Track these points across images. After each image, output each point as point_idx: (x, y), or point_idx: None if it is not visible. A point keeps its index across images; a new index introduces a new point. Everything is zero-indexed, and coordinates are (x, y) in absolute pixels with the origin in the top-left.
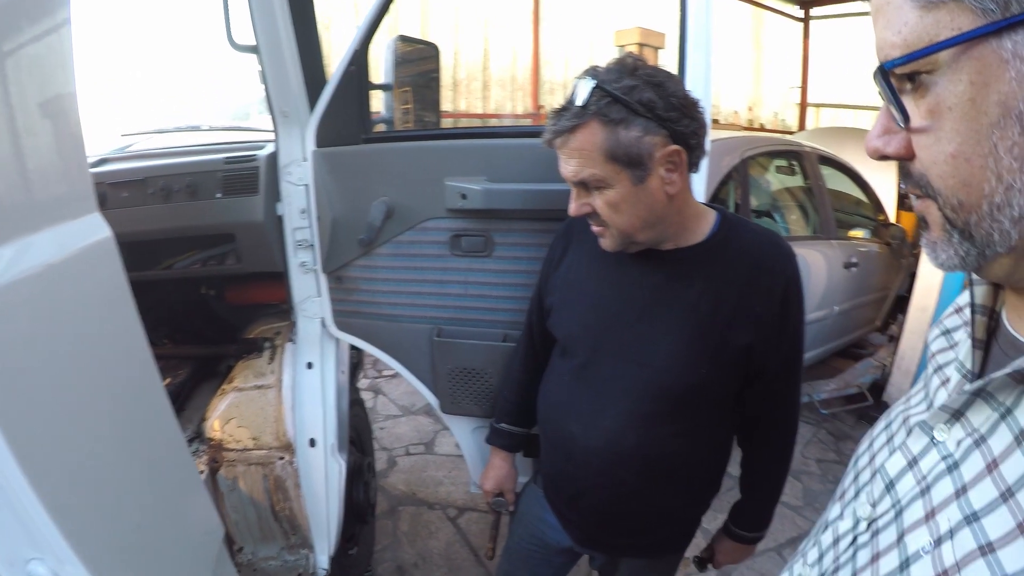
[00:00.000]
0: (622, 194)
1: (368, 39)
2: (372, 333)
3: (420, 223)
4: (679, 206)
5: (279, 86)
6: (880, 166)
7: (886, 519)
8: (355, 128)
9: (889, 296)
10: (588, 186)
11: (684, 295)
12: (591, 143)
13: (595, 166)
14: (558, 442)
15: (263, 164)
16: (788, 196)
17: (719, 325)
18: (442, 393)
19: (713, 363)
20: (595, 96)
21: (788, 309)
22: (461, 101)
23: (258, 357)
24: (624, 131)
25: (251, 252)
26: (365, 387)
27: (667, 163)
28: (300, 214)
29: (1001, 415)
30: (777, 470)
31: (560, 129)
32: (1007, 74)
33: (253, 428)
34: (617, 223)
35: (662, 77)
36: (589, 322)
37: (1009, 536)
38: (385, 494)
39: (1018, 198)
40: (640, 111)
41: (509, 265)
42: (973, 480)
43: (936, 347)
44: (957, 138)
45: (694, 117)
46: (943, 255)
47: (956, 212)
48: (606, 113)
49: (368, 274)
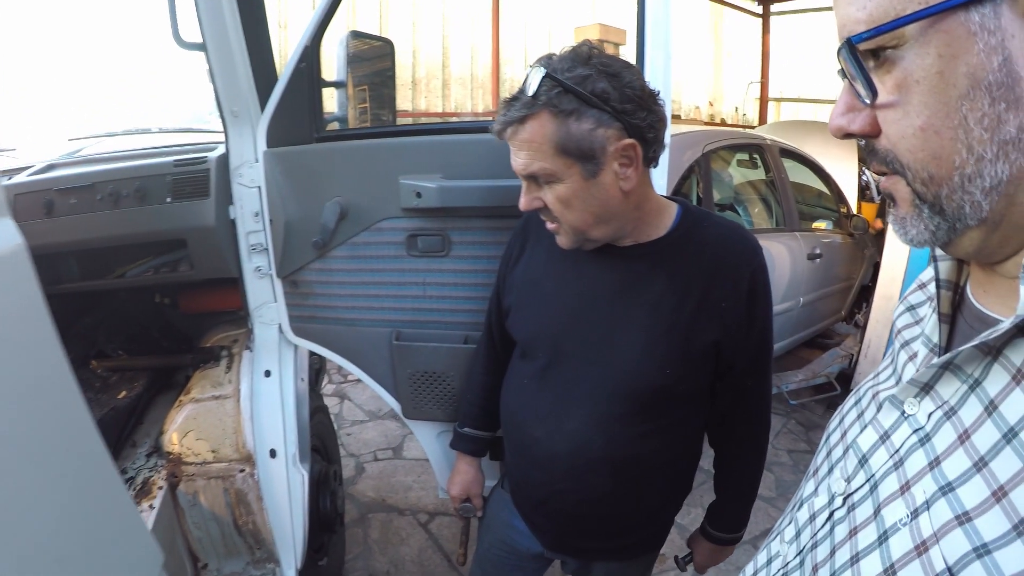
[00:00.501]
0: (573, 189)
1: (319, 35)
2: (330, 338)
3: (375, 223)
4: (636, 201)
5: (228, 85)
6: (841, 158)
7: (861, 493)
8: (307, 127)
9: (853, 286)
10: (538, 180)
11: (646, 292)
12: (540, 135)
13: (545, 159)
14: (522, 447)
15: (214, 166)
16: (751, 189)
17: (684, 322)
18: (404, 398)
19: (679, 362)
20: (545, 86)
21: (755, 303)
22: (421, 100)
23: (215, 366)
24: (575, 123)
25: (204, 258)
26: (330, 392)
27: (621, 157)
28: (253, 217)
29: (970, 386)
30: (752, 469)
31: (509, 120)
32: (975, 47)
33: (212, 440)
34: (569, 219)
35: (618, 67)
36: (548, 323)
37: (985, 504)
38: (354, 501)
39: (988, 168)
40: (593, 102)
41: (468, 264)
42: (946, 451)
43: (901, 323)
44: (926, 111)
45: (651, 109)
46: (913, 231)
47: (926, 186)
48: (556, 104)
49: (324, 277)
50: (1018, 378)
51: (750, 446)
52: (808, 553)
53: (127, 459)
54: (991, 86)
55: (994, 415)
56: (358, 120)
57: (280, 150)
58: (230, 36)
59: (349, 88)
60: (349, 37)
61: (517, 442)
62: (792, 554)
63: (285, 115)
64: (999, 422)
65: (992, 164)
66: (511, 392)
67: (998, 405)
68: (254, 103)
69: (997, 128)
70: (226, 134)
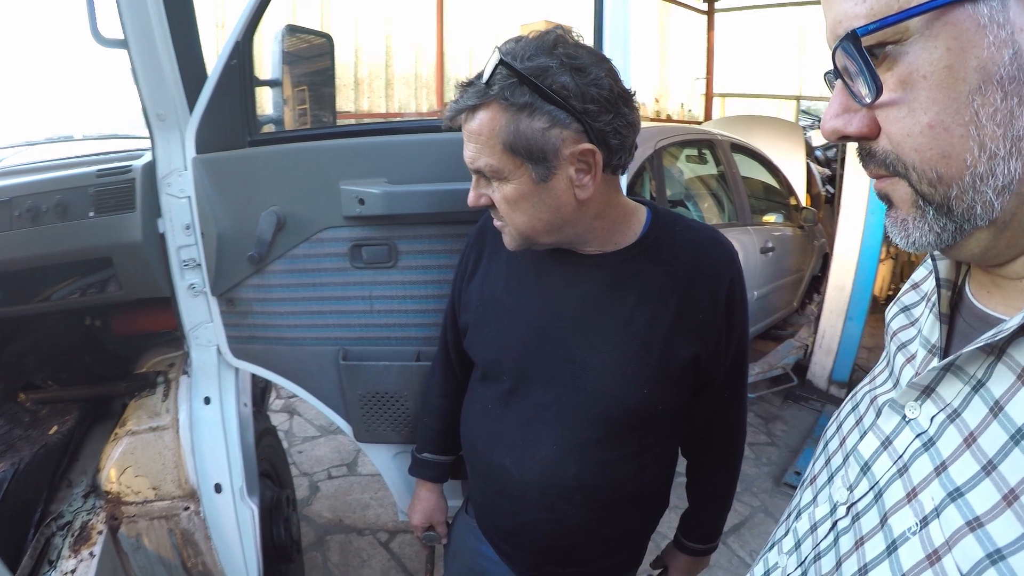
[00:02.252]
0: (521, 191)
1: (252, 29)
2: (272, 359)
3: (315, 234)
4: (597, 210)
5: (153, 85)
6: (789, 151)
7: (865, 502)
8: (239, 130)
9: (804, 277)
10: (486, 175)
11: (617, 306)
12: (489, 128)
13: (492, 155)
14: (488, 476)
15: (140, 176)
16: (703, 185)
17: (660, 338)
18: (355, 420)
19: (656, 381)
20: (500, 74)
21: (733, 313)
22: (363, 100)
23: (151, 394)
24: (527, 119)
25: (132, 277)
26: (279, 408)
27: (578, 163)
28: (184, 230)
29: (973, 388)
30: (728, 479)
31: (459, 108)
32: (984, 39)
33: (152, 476)
34: (515, 221)
35: (587, 60)
36: (511, 343)
37: (996, 509)
38: (310, 523)
39: (1001, 166)
40: (550, 98)
41: (417, 275)
42: (952, 456)
43: (896, 325)
44: (934, 107)
45: (619, 112)
46: (916, 233)
47: (934, 187)
48: (509, 96)
49: (262, 294)
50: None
51: (726, 458)
52: (811, 565)
53: (63, 501)
54: (1003, 80)
55: (1000, 416)
56: (296, 122)
57: (210, 156)
58: (154, 31)
59: (286, 87)
60: (285, 32)
61: (482, 471)
62: (792, 565)
63: (215, 117)
64: (1006, 423)
65: (1005, 161)
66: (472, 418)
67: (1004, 406)
68: (182, 105)
69: (1010, 124)
70: (152, 140)
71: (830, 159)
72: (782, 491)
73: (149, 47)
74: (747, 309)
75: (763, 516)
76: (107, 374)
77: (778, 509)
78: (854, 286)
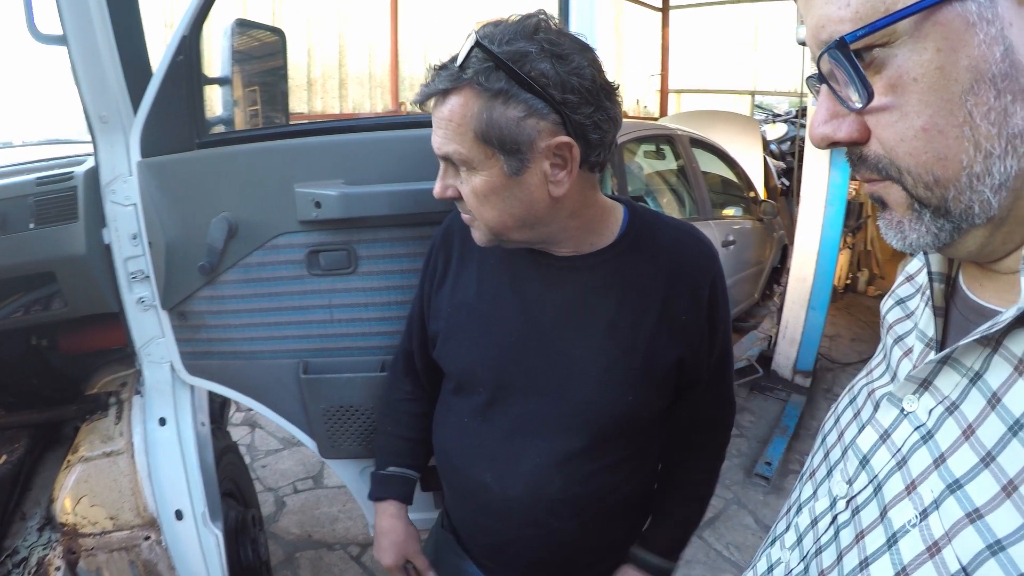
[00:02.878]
0: (491, 183)
1: (200, 23)
2: (229, 375)
3: (270, 240)
4: (573, 208)
5: (94, 85)
6: (746, 144)
7: (865, 495)
8: (187, 131)
9: (765, 269)
10: (455, 164)
11: (599, 310)
12: (461, 115)
13: (462, 143)
14: (468, 493)
15: (82, 183)
16: (663, 180)
17: (643, 341)
18: (319, 436)
19: (642, 386)
20: (476, 57)
21: (716, 313)
22: (317, 101)
23: (103, 417)
24: (502, 107)
25: (77, 292)
26: (239, 422)
27: (553, 157)
28: (131, 240)
29: (970, 380)
30: (704, 491)
31: (430, 91)
32: (975, 38)
33: (109, 505)
34: (484, 216)
35: (569, 48)
36: (487, 352)
37: (996, 500)
38: (278, 541)
39: (998, 165)
40: (528, 85)
41: (379, 281)
42: (950, 448)
43: (892, 318)
44: (927, 110)
45: (601, 105)
46: (913, 235)
47: (930, 190)
48: (484, 81)
49: (215, 306)
50: (1021, 369)
51: (706, 467)
52: (813, 559)
53: (17, 535)
54: (995, 78)
55: (998, 408)
56: (248, 123)
57: (156, 160)
58: (95, 27)
59: (237, 85)
60: (235, 27)
61: (461, 488)
62: (795, 560)
63: (161, 118)
64: (1004, 415)
65: (1001, 160)
66: (447, 432)
67: (1001, 397)
68: (126, 106)
69: (1004, 122)
70: (95, 144)
71: (785, 152)
72: (753, 482)
73: (90, 44)
74: (728, 307)
75: (737, 508)
76: (57, 396)
77: (751, 501)
78: (815, 277)
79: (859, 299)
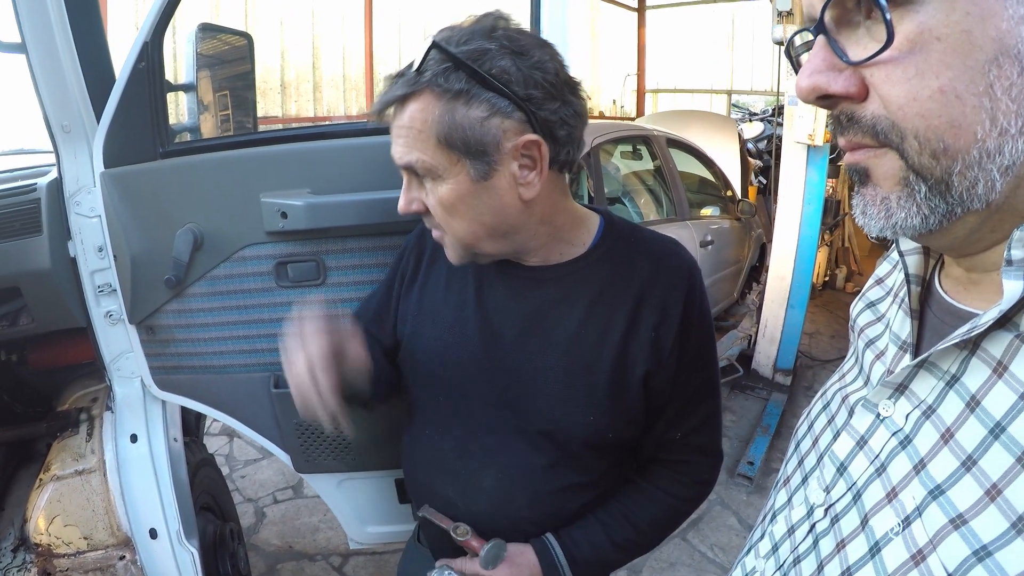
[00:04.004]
0: (458, 191)
1: (162, 28)
2: (200, 390)
3: (236, 252)
4: (544, 214)
5: (55, 93)
6: (723, 143)
7: (844, 503)
8: (150, 140)
9: (743, 268)
10: (419, 175)
11: (564, 323)
12: (421, 120)
13: (424, 150)
14: (434, 507)
15: (45, 194)
16: (640, 181)
17: (608, 358)
18: (293, 450)
19: (605, 406)
20: (434, 60)
21: (689, 330)
22: (291, 104)
23: (74, 434)
24: (464, 108)
25: (44, 307)
26: (217, 432)
27: (521, 157)
28: (97, 253)
29: (947, 383)
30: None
31: (388, 99)
32: (1004, 12)
33: (83, 525)
34: (454, 229)
35: (529, 44)
36: (449, 362)
37: (979, 505)
38: (259, 552)
39: (1010, 145)
40: (489, 83)
41: (348, 292)
42: (930, 453)
43: (863, 321)
44: (948, 72)
45: (566, 100)
46: (900, 213)
47: (936, 159)
48: (443, 82)
49: (184, 320)
50: (999, 371)
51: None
52: (791, 569)
53: None
54: (1020, 55)
55: (977, 411)
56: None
57: (120, 170)
58: (55, 33)
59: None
60: (199, 31)
61: (428, 502)
62: (771, 569)
63: (124, 128)
64: (983, 418)
65: (1015, 140)
66: (410, 445)
67: (981, 400)
68: (88, 115)
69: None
70: (57, 154)
71: (762, 151)
72: (736, 482)
73: (50, 51)
74: (710, 329)
75: (720, 509)
76: (29, 413)
77: (733, 501)
78: (794, 275)
79: (838, 296)
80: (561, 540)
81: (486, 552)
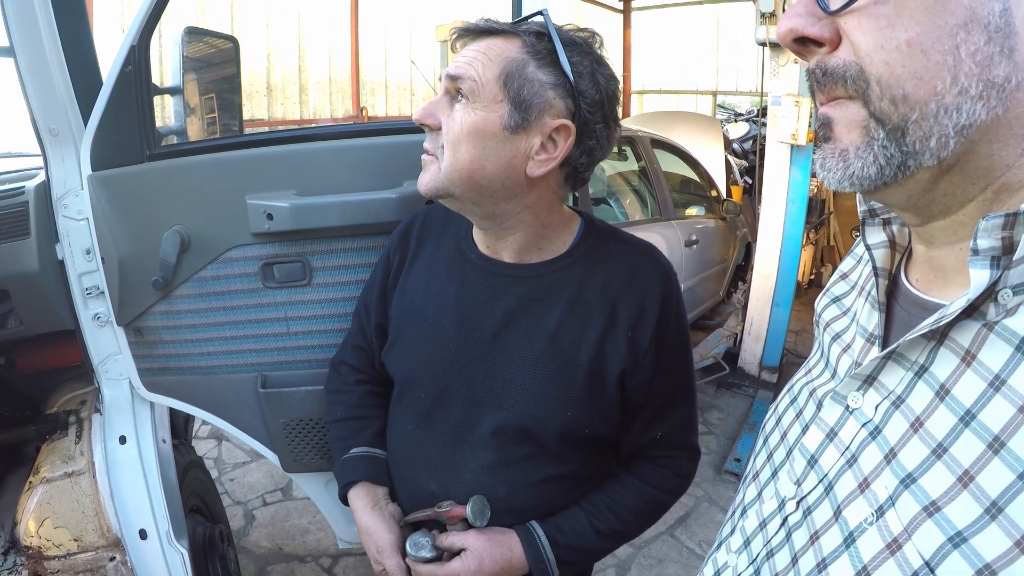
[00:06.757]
0: (484, 124)
1: (149, 32)
2: (188, 390)
3: (223, 253)
4: (537, 204)
5: (43, 96)
6: (708, 143)
7: (816, 496)
8: (137, 143)
9: (728, 267)
10: (459, 88)
11: (542, 321)
12: (498, 52)
13: (484, 72)
14: (417, 502)
15: (33, 198)
16: (625, 181)
17: (585, 357)
18: (281, 450)
19: (582, 403)
20: (534, 23)
21: (666, 332)
22: (277, 107)
23: (63, 437)
24: (535, 67)
25: (32, 310)
26: (205, 435)
27: (548, 137)
28: (85, 256)
29: (916, 373)
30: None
31: (477, 28)
32: None
33: (73, 527)
34: (455, 156)
35: (610, 70)
36: (429, 359)
37: (952, 491)
38: (248, 555)
39: (968, 105)
40: (563, 64)
41: (334, 293)
42: (900, 442)
43: (828, 316)
44: (916, 27)
45: (608, 123)
46: (857, 163)
47: (895, 104)
48: (533, 41)
49: (171, 321)
50: (968, 360)
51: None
52: (764, 562)
53: None
54: (989, 27)
55: (947, 399)
56: (201, 132)
57: (107, 173)
58: (43, 37)
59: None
60: (185, 35)
61: (410, 497)
62: (743, 564)
63: (111, 130)
64: (953, 406)
65: (973, 102)
66: (395, 440)
67: (950, 389)
68: (76, 118)
69: (987, 67)
70: (45, 157)
71: (747, 151)
72: (724, 479)
73: (37, 54)
74: (686, 331)
75: (708, 505)
76: (18, 416)
77: (721, 497)
78: (779, 273)
79: None
80: (544, 525)
81: (472, 508)
